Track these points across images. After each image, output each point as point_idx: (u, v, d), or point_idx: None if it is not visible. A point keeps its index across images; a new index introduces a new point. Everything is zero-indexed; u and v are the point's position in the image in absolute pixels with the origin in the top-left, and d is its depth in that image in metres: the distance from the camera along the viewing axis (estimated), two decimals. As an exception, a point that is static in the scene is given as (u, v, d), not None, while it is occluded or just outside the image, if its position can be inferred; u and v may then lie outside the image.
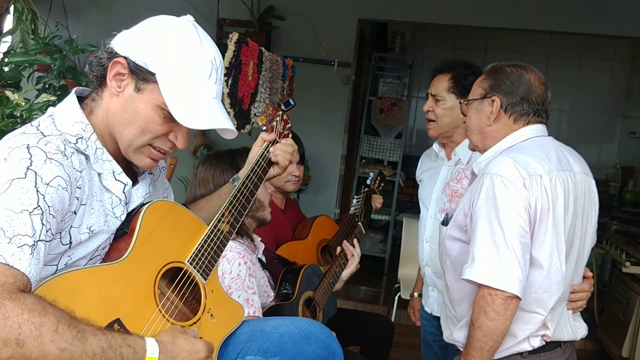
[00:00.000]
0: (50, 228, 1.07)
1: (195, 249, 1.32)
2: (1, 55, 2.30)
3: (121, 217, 1.27)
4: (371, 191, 2.71)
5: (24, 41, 2.46)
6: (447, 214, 1.73)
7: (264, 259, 2.09)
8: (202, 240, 1.34)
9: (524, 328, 1.54)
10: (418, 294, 2.52)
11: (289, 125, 1.68)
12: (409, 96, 5.78)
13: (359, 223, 2.55)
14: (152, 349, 1.10)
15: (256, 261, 1.96)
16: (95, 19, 4.75)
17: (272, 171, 1.59)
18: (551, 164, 1.55)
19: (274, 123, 1.62)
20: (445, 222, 1.71)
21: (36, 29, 2.64)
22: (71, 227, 1.16)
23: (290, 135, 1.67)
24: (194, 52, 1.22)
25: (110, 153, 1.26)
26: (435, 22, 4.72)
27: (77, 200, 1.15)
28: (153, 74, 1.20)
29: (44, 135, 1.15)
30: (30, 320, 0.94)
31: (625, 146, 5.90)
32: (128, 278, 1.18)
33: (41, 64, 2.38)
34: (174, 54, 1.20)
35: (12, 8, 2.56)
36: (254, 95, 2.84)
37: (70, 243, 1.17)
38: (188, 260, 1.30)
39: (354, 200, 2.65)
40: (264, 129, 1.61)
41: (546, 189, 1.50)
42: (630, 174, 5.51)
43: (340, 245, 2.33)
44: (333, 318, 2.21)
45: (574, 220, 1.57)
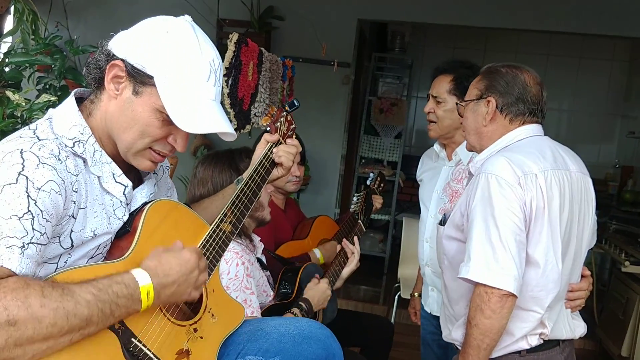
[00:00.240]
0: (45, 232, 1.07)
1: (197, 249, 1.32)
2: (2, 56, 2.31)
3: (123, 218, 1.27)
4: (371, 192, 2.72)
5: (25, 41, 2.46)
6: (445, 214, 1.74)
7: (263, 259, 2.09)
8: (204, 240, 1.34)
9: (521, 326, 1.55)
10: (419, 293, 2.52)
11: (293, 126, 1.68)
12: (409, 96, 5.79)
13: (359, 221, 2.56)
14: (143, 278, 1.11)
15: (255, 261, 1.96)
16: (95, 20, 4.75)
17: (277, 172, 1.58)
18: (546, 162, 1.56)
19: (278, 124, 1.61)
20: (442, 222, 1.72)
21: (37, 30, 2.65)
22: (72, 232, 1.16)
23: (294, 136, 1.68)
24: (192, 55, 1.21)
25: (109, 155, 1.25)
26: (435, 22, 4.72)
27: (74, 204, 1.15)
28: (151, 77, 1.18)
29: (39, 139, 1.15)
30: (15, 298, 0.95)
31: (625, 146, 5.91)
32: (129, 277, 1.18)
33: (42, 65, 2.39)
34: (171, 57, 1.19)
35: (13, 8, 2.57)
36: (254, 96, 2.84)
37: (72, 247, 1.16)
38: (189, 260, 1.30)
39: (354, 198, 2.65)
40: (268, 129, 1.61)
41: (541, 187, 1.51)
42: (630, 173, 5.51)
43: (340, 244, 2.33)
44: (333, 318, 2.21)
45: (570, 218, 1.58)
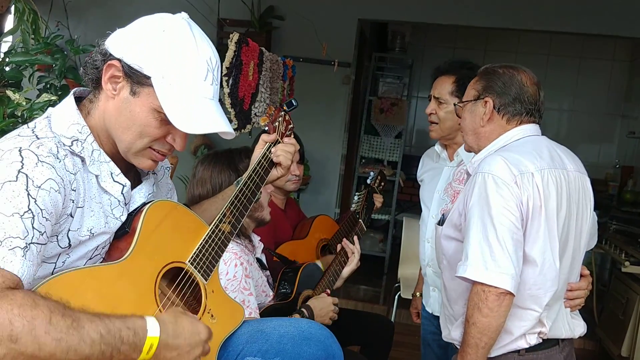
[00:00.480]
0: (44, 231, 1.06)
1: (197, 249, 1.32)
2: (2, 55, 2.31)
3: (121, 218, 1.26)
4: (372, 190, 2.72)
5: (25, 41, 2.46)
6: (444, 214, 1.74)
7: (263, 259, 2.09)
8: (203, 241, 1.34)
9: (519, 325, 1.55)
10: (420, 293, 2.52)
11: (291, 125, 1.68)
12: (409, 96, 5.79)
13: (360, 220, 2.56)
14: (153, 328, 1.09)
15: (254, 261, 1.96)
16: (96, 19, 4.75)
17: (276, 172, 1.58)
18: (543, 161, 1.56)
19: (276, 123, 1.62)
20: (441, 222, 1.73)
21: (37, 29, 2.65)
22: (69, 231, 1.15)
23: (292, 136, 1.68)
24: (189, 54, 1.20)
25: (108, 154, 1.25)
26: (435, 22, 4.73)
27: (73, 202, 1.15)
28: (148, 77, 1.18)
29: (38, 137, 1.14)
30: (22, 315, 0.93)
31: (625, 146, 5.90)
32: (129, 278, 1.18)
33: (42, 64, 2.39)
34: (168, 56, 1.18)
35: (13, 8, 2.57)
36: (254, 95, 2.84)
37: (69, 246, 1.16)
38: (189, 261, 1.30)
39: (355, 197, 2.65)
40: (266, 129, 1.61)
41: (538, 186, 1.52)
42: (630, 173, 5.51)
43: (340, 243, 2.33)
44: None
45: (567, 217, 1.58)
